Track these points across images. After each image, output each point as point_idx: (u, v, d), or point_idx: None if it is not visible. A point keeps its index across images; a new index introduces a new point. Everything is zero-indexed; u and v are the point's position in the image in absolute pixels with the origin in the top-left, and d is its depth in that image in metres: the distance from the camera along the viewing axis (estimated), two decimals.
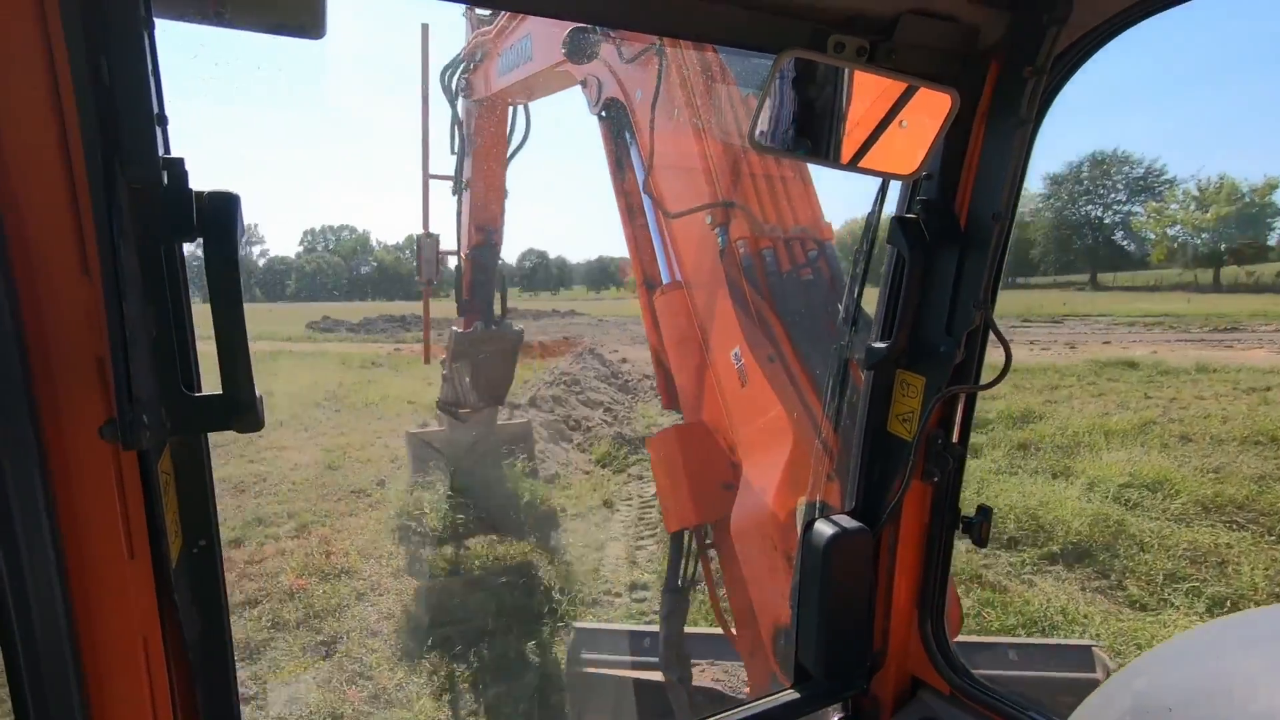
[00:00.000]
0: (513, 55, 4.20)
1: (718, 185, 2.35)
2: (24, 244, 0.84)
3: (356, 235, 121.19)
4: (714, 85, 2.42)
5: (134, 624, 0.99)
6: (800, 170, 2.47)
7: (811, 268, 2.32)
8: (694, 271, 2.53)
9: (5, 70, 0.80)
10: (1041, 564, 6.88)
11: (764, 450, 2.20)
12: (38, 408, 0.87)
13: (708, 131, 2.35)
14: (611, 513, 8.88)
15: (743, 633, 2.53)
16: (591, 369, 18.54)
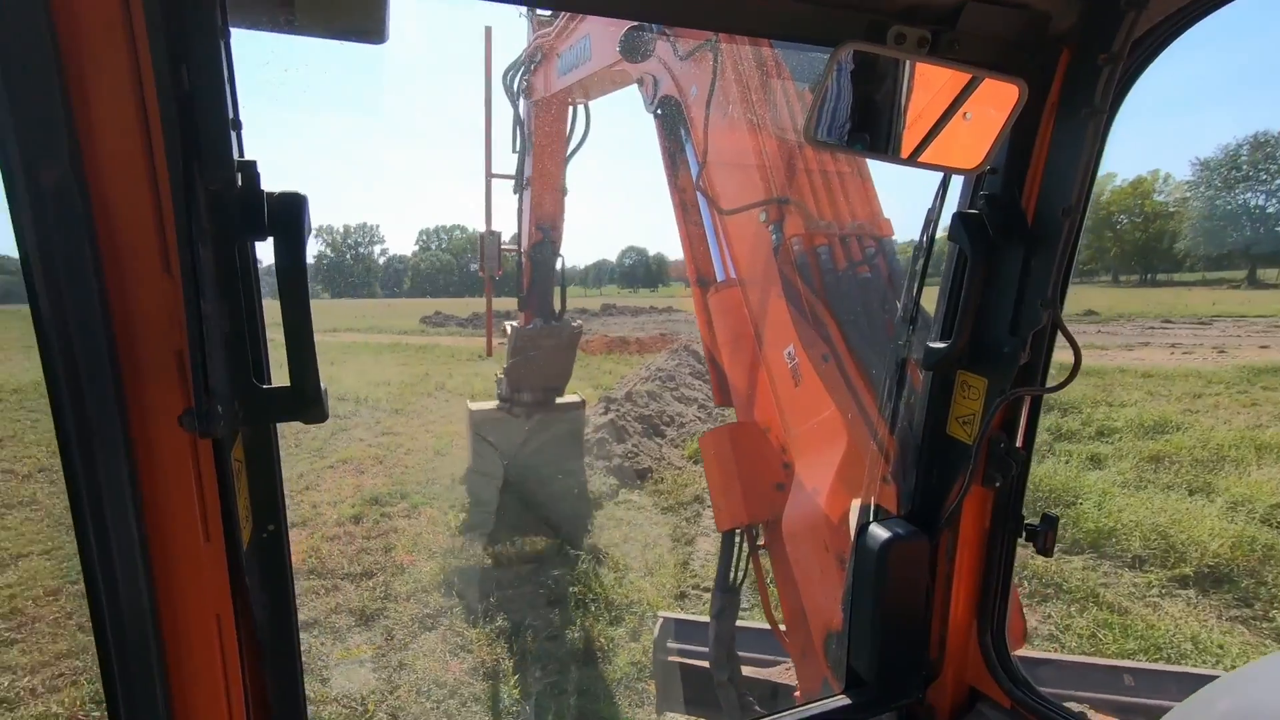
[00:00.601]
0: (572, 56, 4.29)
1: (772, 181, 2.33)
2: (112, 244, 0.88)
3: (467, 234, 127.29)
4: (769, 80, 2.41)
5: (209, 603, 1.03)
6: (858, 166, 2.43)
7: (869, 265, 2.28)
8: (748, 269, 2.52)
9: (96, 80, 0.84)
10: (1170, 586, 6.30)
11: (817, 451, 2.19)
12: (124, 398, 0.92)
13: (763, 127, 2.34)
14: (702, 509, 8.92)
15: (794, 634, 2.52)
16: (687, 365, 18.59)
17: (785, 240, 2.27)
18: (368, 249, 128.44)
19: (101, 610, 0.96)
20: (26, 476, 9.72)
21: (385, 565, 7.00)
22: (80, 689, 4.95)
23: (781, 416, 2.40)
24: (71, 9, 0.81)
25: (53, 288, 0.86)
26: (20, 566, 6.95)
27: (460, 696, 4.95)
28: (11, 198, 0.83)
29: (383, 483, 9.64)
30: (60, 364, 0.88)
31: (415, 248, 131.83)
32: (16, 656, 5.39)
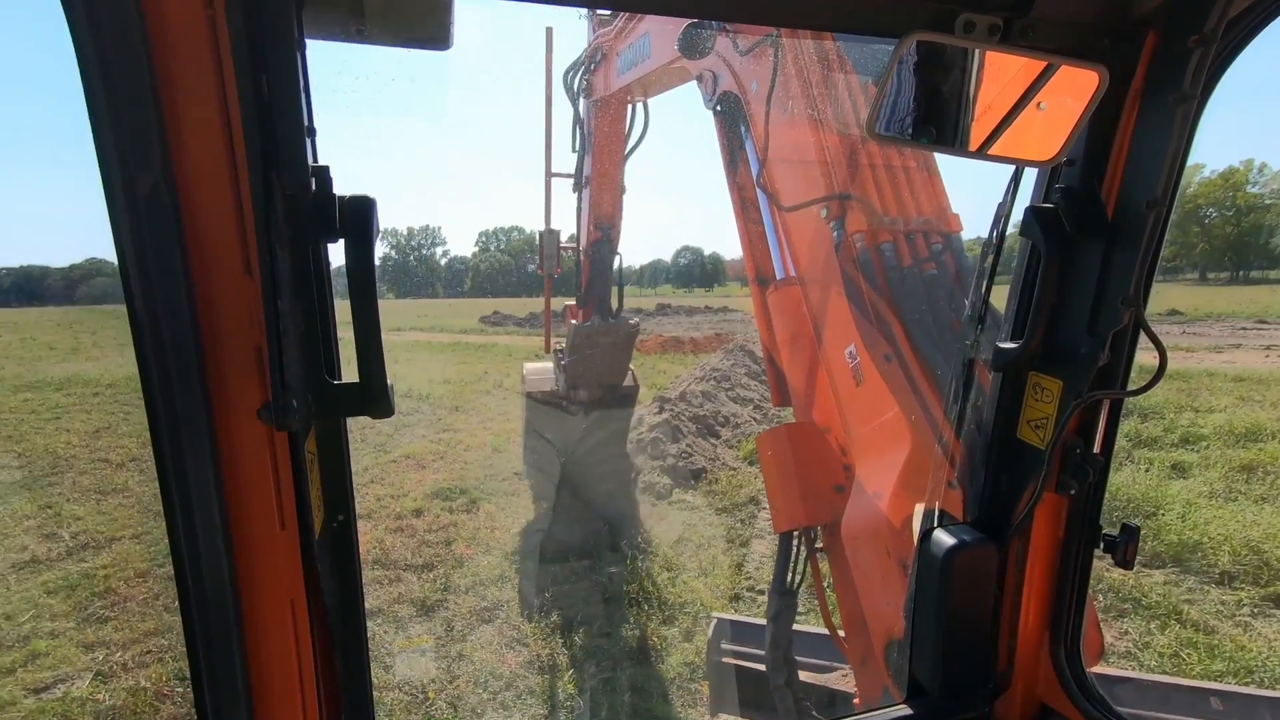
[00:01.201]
0: (631, 54, 4.33)
1: (834, 177, 2.28)
2: (199, 246, 0.93)
3: (524, 235, 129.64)
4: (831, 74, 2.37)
5: (284, 588, 1.08)
6: (925, 160, 2.36)
7: (935, 262, 2.20)
8: (808, 267, 2.47)
9: (186, 94, 0.88)
10: (1264, 606, 5.88)
11: (879, 453, 2.13)
12: (208, 391, 0.96)
13: (825, 122, 2.30)
14: (757, 510, 8.83)
15: (853, 640, 2.47)
16: (742, 366, 18.43)
17: (847, 237, 2.23)
18: (430, 250, 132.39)
19: (188, 590, 1.02)
20: (120, 465, 10.42)
21: (445, 558, 7.20)
22: (166, 665, 5.27)
23: (842, 417, 2.35)
24: (164, 27, 0.85)
25: (146, 288, 0.91)
26: (113, 549, 7.45)
27: (516, 689, 5.05)
28: (111, 204, 0.88)
29: (443, 478, 9.91)
30: (152, 359, 0.93)
31: (475, 249, 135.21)
32: (110, 633, 5.79)
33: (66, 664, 5.37)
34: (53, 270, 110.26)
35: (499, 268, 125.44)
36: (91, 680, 5.16)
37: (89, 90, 0.84)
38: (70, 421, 13.23)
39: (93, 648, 5.58)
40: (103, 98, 0.84)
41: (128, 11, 0.82)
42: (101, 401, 15.11)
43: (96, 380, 17.38)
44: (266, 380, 0.98)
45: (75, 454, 11.02)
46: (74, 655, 5.47)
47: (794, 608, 2.96)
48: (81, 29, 0.82)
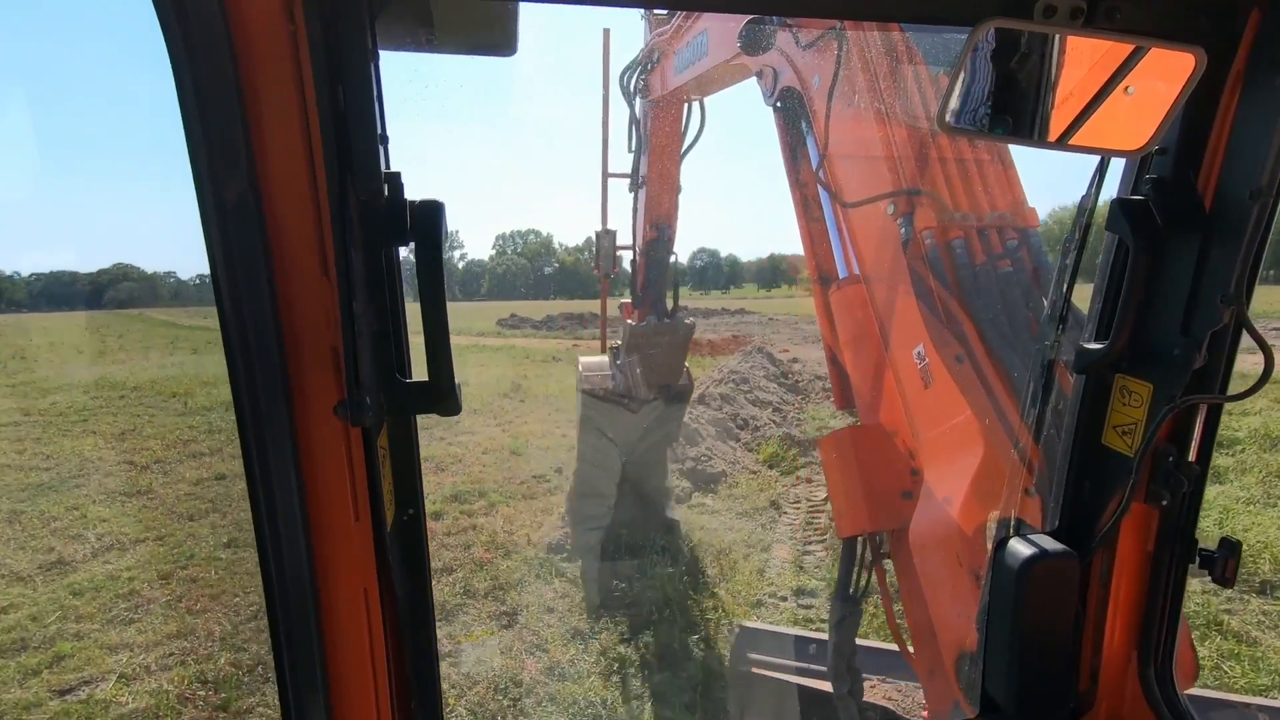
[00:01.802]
0: (689, 53, 4.31)
1: (901, 172, 2.20)
2: (281, 250, 0.97)
3: (541, 238, 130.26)
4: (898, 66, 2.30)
5: (357, 577, 1.12)
6: (999, 152, 2.26)
7: (1011, 259, 2.11)
8: (873, 265, 2.40)
9: (270, 106, 0.93)
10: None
11: (949, 458, 2.05)
12: (289, 388, 1.01)
13: (891, 115, 2.23)
14: (779, 515, 8.72)
15: (920, 651, 2.38)
16: (761, 368, 18.29)
17: (915, 233, 2.13)
18: (449, 254, 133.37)
19: (271, 575, 1.07)
20: (144, 468, 10.54)
21: (465, 562, 7.17)
22: (188, 668, 5.28)
23: (910, 420, 2.27)
24: (250, 45, 0.89)
25: (233, 290, 0.96)
26: (137, 551, 7.52)
27: (536, 696, 4.99)
28: (203, 212, 0.92)
29: (462, 480, 9.91)
30: (239, 357, 0.98)
31: (492, 252, 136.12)
32: (133, 635, 5.83)
33: (91, 665, 5.41)
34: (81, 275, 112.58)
35: (516, 271, 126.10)
36: (115, 682, 5.19)
37: (184, 105, 0.89)
38: (97, 424, 13.43)
39: (116, 650, 5.61)
40: (195, 112, 0.89)
41: (217, 30, 0.87)
42: (126, 404, 15.34)
43: (122, 383, 17.66)
44: (342, 378, 1.02)
45: (102, 456, 11.18)
46: (98, 657, 5.51)
47: (858, 615, 2.87)
48: (177, 49, 0.87)
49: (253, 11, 0.89)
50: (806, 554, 7.51)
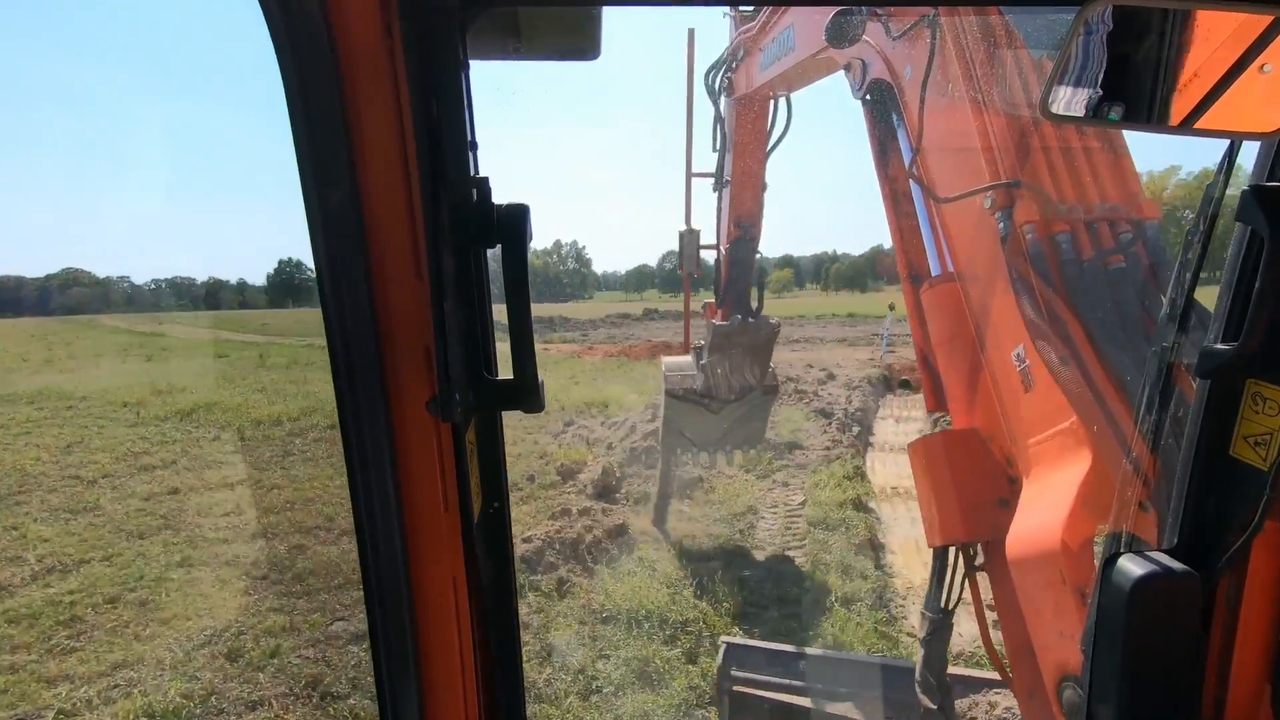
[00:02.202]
0: (775, 48, 4.25)
1: (1000, 163, 2.06)
2: (379, 254, 1.02)
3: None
4: (996, 51, 2.17)
5: (446, 567, 1.16)
6: (1111, 139, 2.11)
7: (1124, 254, 1.95)
8: (968, 262, 2.27)
9: (369, 117, 0.96)
10: None
11: (1052, 466, 1.91)
12: (385, 385, 1.06)
13: (989, 104, 2.11)
14: (756, 519, 8.60)
15: (1018, 670, 2.25)
16: None
17: (1015, 228, 2.00)
18: None
19: (368, 562, 1.12)
20: (91, 482, 10.00)
21: None
22: (134, 700, 4.91)
23: (1008, 426, 2.13)
24: (352, 60, 0.94)
25: (336, 293, 1.01)
26: (82, 573, 7.07)
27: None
28: (309, 219, 0.98)
29: None
30: (340, 356, 1.04)
31: None
32: (74, 666, 5.42)
33: (26, 701, 5.01)
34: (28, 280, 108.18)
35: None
36: (54, 719, 4.80)
37: (293, 120, 0.95)
38: (40, 436, 12.75)
39: (55, 683, 5.21)
40: (303, 127, 0.95)
41: (323, 51, 0.93)
42: (75, 415, 14.61)
43: (70, 393, 16.86)
44: (433, 376, 1.07)
45: (45, 471, 10.58)
46: (34, 691, 5.10)
47: (949, 628, 2.72)
48: (289, 71, 0.92)
49: (355, 31, 0.94)
50: (786, 561, 7.39)
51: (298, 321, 53.03)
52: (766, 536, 8.09)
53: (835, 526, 7.91)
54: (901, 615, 6.05)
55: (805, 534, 7.96)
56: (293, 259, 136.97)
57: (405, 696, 1.19)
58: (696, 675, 5.04)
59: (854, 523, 7.96)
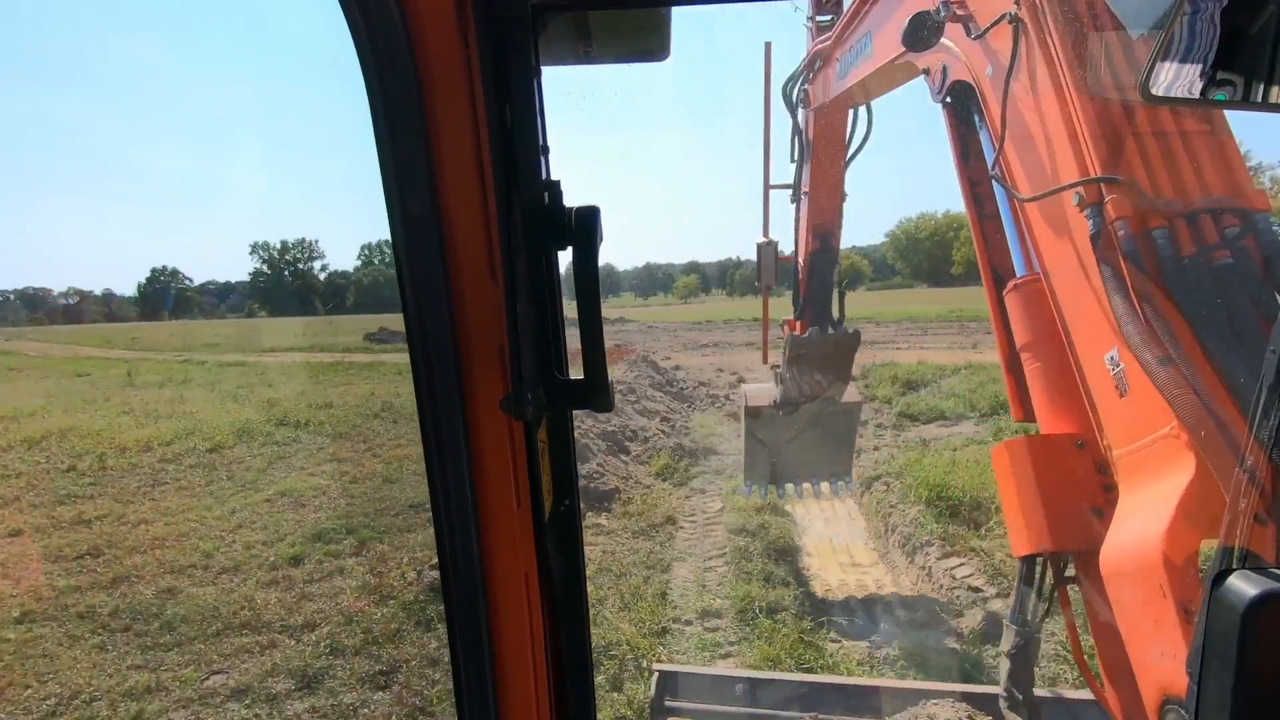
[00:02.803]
0: (851, 56, 4.22)
1: (1090, 157, 1.95)
2: (455, 257, 1.03)
3: None
4: (1085, 39, 2.05)
5: (519, 562, 1.18)
6: (1214, 123, 1.98)
7: (1231, 248, 1.82)
8: (1056, 261, 2.15)
9: (447, 125, 0.98)
10: None
11: (1152, 475, 1.80)
12: (462, 385, 1.08)
13: (1076, 96, 2.00)
14: (675, 530, 8.44)
15: (1115, 690, 2.16)
16: (646, 377, 18.15)
17: (1107, 225, 1.88)
18: (307, 265, 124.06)
19: (445, 556, 1.15)
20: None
21: (331, 614, 6.26)
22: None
23: (1102, 433, 2.02)
24: (431, 71, 0.97)
25: (416, 295, 1.06)
26: None
27: None
28: (392, 226, 1.03)
29: (327, 516, 8.83)
30: (419, 356, 1.09)
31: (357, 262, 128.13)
32: None
33: None
34: None
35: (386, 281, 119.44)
36: None
37: (376, 128, 0.99)
38: None
39: None
40: (385, 134, 0.99)
41: (403, 60, 0.96)
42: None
43: None
44: (507, 375, 1.09)
45: None
46: None
47: (1036, 643, 2.60)
48: (372, 80, 0.97)
49: (433, 39, 0.96)
50: (708, 571, 7.26)
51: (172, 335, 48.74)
52: (686, 547, 7.94)
53: (755, 532, 7.86)
54: (824, 621, 6.02)
55: (725, 542, 7.87)
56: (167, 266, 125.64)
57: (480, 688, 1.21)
58: (623, 705, 4.77)
59: (772, 527, 7.95)
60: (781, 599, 6.23)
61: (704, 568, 7.34)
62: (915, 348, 23.68)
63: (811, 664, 5.18)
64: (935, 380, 16.21)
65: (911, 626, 5.89)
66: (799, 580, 6.76)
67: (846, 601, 6.47)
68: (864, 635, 5.81)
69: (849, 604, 6.42)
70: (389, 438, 13.02)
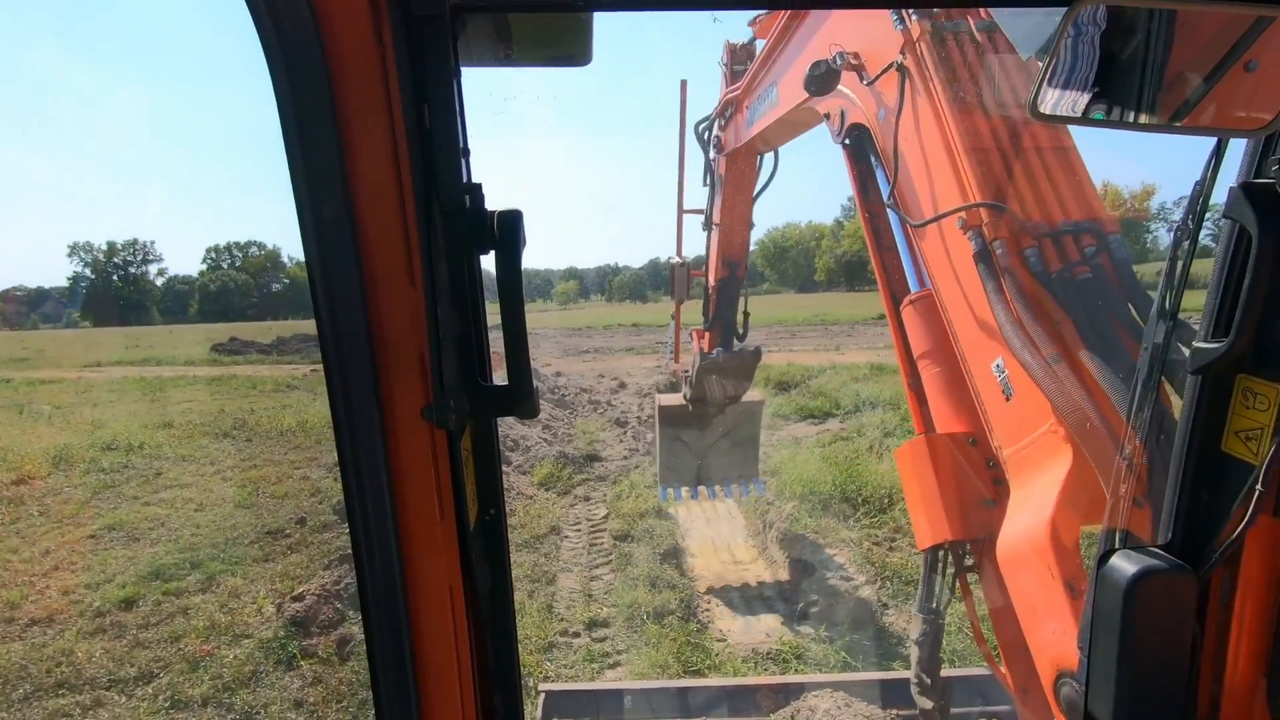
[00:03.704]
0: (759, 104, 4.53)
1: (969, 186, 2.18)
2: (371, 262, 1.03)
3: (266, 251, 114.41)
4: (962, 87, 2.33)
5: (443, 574, 1.16)
6: (1069, 158, 2.24)
7: (1089, 265, 2.06)
8: (945, 278, 2.37)
9: (362, 127, 0.98)
10: None
11: (1037, 468, 1.97)
12: (380, 393, 1.07)
13: (956, 133, 2.26)
14: (560, 540, 8.30)
15: (1013, 668, 2.33)
16: None
17: (986, 244, 2.11)
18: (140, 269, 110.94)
19: (364, 571, 1.13)
20: None
21: (172, 662, 5.55)
22: None
23: (993, 434, 2.23)
24: (343, 69, 0.95)
25: (329, 300, 1.03)
26: None
27: None
28: (303, 229, 0.99)
29: (166, 551, 7.87)
30: (334, 364, 1.05)
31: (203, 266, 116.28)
32: None
33: None
34: None
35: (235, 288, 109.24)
36: None
37: (285, 128, 0.95)
38: None
39: None
40: (295, 134, 0.96)
41: (314, 57, 0.93)
42: None
43: None
44: (428, 382, 1.07)
45: None
46: None
47: (941, 629, 2.77)
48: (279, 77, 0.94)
49: (345, 37, 0.94)
50: (594, 580, 7.18)
51: None
52: (572, 556, 7.82)
53: (639, 538, 7.88)
54: (709, 621, 6.12)
55: (611, 549, 7.83)
56: None
57: (403, 706, 1.19)
58: None
59: (657, 531, 8.01)
60: (668, 603, 6.26)
61: (590, 577, 7.26)
62: (785, 350, 24.95)
63: (699, 666, 5.23)
64: (804, 381, 17.13)
65: (791, 619, 6.12)
66: (684, 582, 6.84)
67: (730, 600, 6.61)
68: (747, 632, 5.96)
69: (732, 602, 6.57)
70: (242, 458, 11.86)
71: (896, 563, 6.75)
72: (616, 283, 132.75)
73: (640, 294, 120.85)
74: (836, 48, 2.82)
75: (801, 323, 38.66)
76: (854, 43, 2.78)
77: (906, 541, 7.09)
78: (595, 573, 7.34)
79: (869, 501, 8.22)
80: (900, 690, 3.54)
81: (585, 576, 7.24)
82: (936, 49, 2.35)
